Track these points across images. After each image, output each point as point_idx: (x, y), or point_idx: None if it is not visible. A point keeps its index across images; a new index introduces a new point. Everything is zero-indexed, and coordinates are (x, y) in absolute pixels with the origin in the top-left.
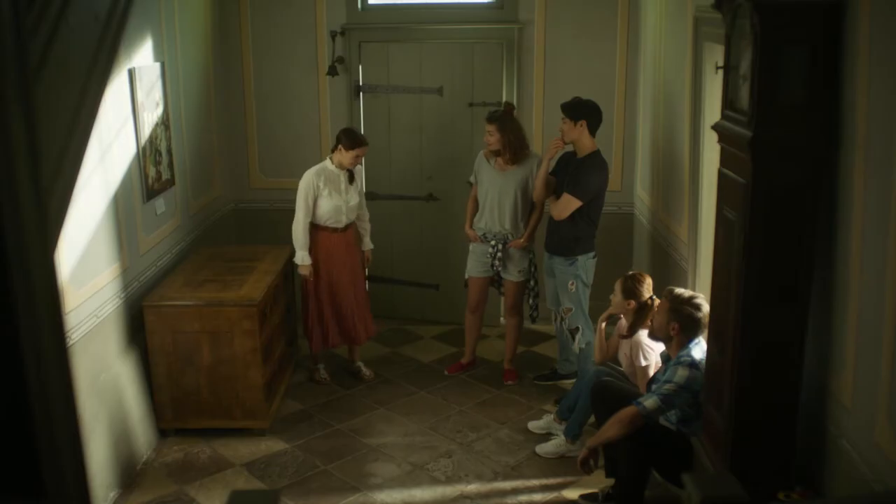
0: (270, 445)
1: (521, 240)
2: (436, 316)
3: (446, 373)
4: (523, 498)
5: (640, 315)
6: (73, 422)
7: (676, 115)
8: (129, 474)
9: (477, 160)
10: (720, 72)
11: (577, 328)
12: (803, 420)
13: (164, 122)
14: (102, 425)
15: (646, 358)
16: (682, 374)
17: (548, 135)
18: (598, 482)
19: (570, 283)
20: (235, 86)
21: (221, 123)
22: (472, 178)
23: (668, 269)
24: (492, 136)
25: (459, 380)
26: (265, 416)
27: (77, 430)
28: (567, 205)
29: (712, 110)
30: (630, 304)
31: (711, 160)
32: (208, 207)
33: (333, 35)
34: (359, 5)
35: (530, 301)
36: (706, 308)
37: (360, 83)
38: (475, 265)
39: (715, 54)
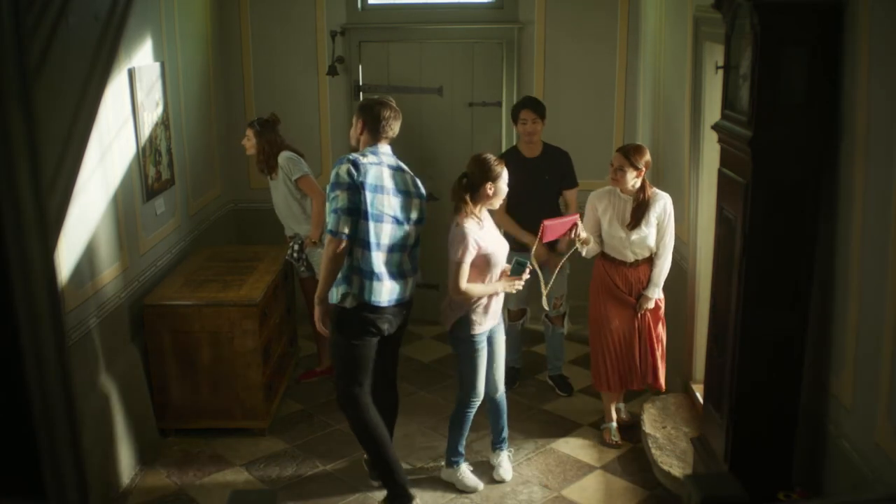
0: (270, 445)
1: (311, 236)
2: (436, 316)
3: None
4: (523, 498)
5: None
6: (73, 422)
7: (676, 115)
8: (129, 474)
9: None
10: (720, 72)
11: (566, 311)
12: (803, 420)
13: (164, 122)
14: (103, 425)
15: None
16: (340, 170)
17: (547, 135)
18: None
19: (567, 267)
20: (235, 86)
21: (221, 123)
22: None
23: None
24: (248, 141)
25: None
26: (265, 416)
27: (77, 430)
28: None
29: (712, 110)
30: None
31: (711, 160)
32: (208, 207)
33: (333, 35)
34: (359, 5)
35: None
36: (388, 99)
37: (360, 83)
38: None
39: (715, 54)
